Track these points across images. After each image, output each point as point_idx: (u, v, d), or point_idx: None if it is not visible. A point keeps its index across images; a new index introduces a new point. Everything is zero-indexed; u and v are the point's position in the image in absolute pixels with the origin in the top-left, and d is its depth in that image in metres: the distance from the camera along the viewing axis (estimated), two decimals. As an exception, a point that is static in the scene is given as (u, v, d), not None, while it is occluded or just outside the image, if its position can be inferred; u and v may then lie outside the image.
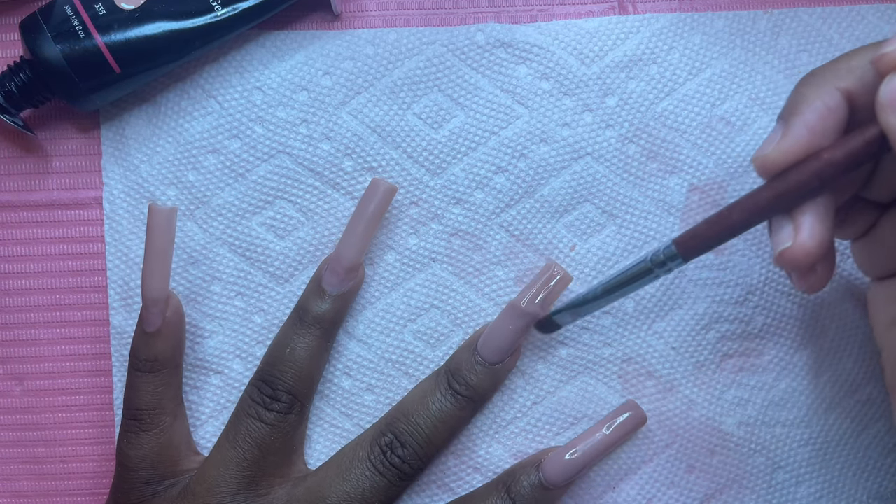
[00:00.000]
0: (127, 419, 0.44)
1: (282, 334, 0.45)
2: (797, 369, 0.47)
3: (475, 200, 0.46)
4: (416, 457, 0.44)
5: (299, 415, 0.44)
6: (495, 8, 0.47)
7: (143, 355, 0.43)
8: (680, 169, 0.46)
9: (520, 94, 0.46)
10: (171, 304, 0.44)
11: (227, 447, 0.44)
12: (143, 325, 0.43)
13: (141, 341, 0.43)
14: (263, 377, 0.44)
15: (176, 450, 0.44)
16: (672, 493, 0.46)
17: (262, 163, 0.46)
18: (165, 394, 0.44)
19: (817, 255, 0.35)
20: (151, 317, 0.43)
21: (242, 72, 0.46)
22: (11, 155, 0.47)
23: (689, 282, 0.46)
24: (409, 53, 0.46)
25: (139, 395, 0.43)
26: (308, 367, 0.44)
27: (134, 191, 0.46)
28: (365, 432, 0.45)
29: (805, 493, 0.47)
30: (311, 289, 0.45)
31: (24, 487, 0.47)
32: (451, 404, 0.44)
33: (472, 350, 0.44)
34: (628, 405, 0.45)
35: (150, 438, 0.43)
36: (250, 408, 0.44)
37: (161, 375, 0.44)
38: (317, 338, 0.44)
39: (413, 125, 0.46)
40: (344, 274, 0.44)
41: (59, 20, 0.42)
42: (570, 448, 0.44)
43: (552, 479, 0.43)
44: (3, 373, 0.47)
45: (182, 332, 0.45)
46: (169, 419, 0.44)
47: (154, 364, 0.43)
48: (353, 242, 0.44)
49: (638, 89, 0.46)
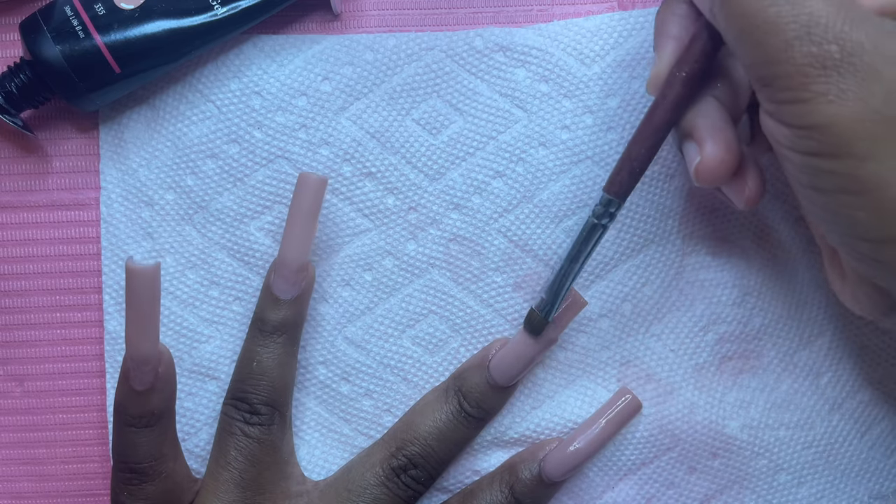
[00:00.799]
0: (123, 472, 0.41)
1: (245, 349, 0.44)
2: (798, 370, 0.47)
3: (473, 206, 0.46)
4: (428, 476, 0.44)
5: (281, 423, 0.44)
6: (495, 8, 0.47)
7: (135, 412, 0.40)
8: (680, 172, 0.46)
9: (518, 97, 0.46)
10: (164, 359, 0.40)
11: (220, 471, 0.43)
12: (131, 383, 0.40)
13: (131, 399, 0.40)
14: (237, 395, 0.44)
15: (179, 488, 0.43)
16: (672, 493, 0.47)
17: (260, 168, 0.46)
18: (164, 442, 0.41)
19: (728, 162, 0.38)
20: (143, 375, 0.39)
21: (241, 76, 0.46)
22: (11, 155, 0.47)
23: (686, 283, 0.46)
24: (408, 59, 0.46)
25: (136, 451, 0.41)
26: (279, 375, 0.44)
27: (132, 195, 0.46)
28: (372, 451, 0.45)
29: (806, 493, 0.47)
30: (263, 298, 0.44)
31: (24, 489, 0.47)
32: (463, 425, 0.44)
33: (483, 371, 0.44)
34: (621, 392, 0.46)
35: (154, 488, 0.42)
36: (232, 426, 0.43)
37: (158, 427, 0.41)
38: (281, 345, 0.44)
39: (412, 131, 0.46)
40: (293, 277, 0.43)
41: (58, 21, 0.42)
42: (570, 442, 0.44)
43: (552, 474, 0.44)
44: (4, 374, 0.47)
45: (175, 381, 0.41)
46: (171, 464, 0.42)
47: (150, 419, 0.40)
48: (295, 243, 0.43)
49: (641, 90, 0.46)
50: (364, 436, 0.46)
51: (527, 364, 0.44)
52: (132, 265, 0.37)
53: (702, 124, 0.38)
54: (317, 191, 0.42)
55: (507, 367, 0.44)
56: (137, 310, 0.38)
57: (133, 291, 0.38)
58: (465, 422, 0.44)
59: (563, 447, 0.44)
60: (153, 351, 0.39)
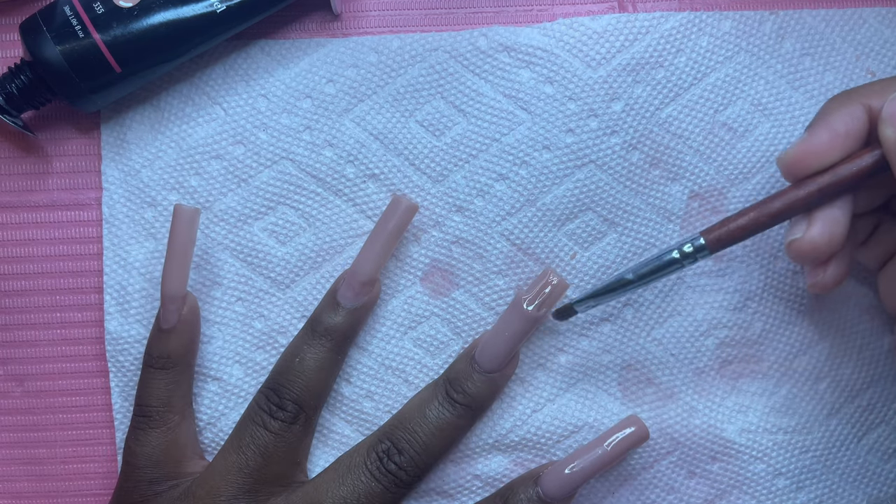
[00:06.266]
0: (136, 415, 0.44)
1: (293, 344, 0.45)
2: (797, 375, 0.47)
3: (476, 208, 0.46)
4: (412, 464, 0.44)
5: (304, 426, 0.44)
6: (495, 8, 0.47)
7: (156, 352, 0.44)
8: (681, 176, 0.46)
9: (522, 99, 0.46)
10: (188, 303, 0.44)
11: (231, 453, 0.44)
12: (159, 322, 0.44)
13: (155, 338, 0.44)
14: (271, 385, 0.44)
15: (181, 450, 0.44)
16: (672, 498, 0.47)
17: (265, 169, 0.46)
18: (175, 392, 0.44)
19: (824, 249, 0.38)
20: (168, 314, 0.44)
21: (248, 79, 0.46)
22: (12, 155, 0.47)
23: (687, 288, 0.46)
24: (411, 61, 0.46)
25: (149, 392, 0.44)
26: (316, 378, 0.44)
27: (134, 195, 0.46)
28: (363, 440, 0.45)
29: (805, 498, 0.47)
30: (325, 301, 0.45)
31: (24, 489, 0.47)
32: (449, 413, 0.44)
33: (469, 359, 0.44)
34: (630, 420, 0.45)
35: (157, 436, 0.44)
36: (256, 415, 0.44)
37: (172, 373, 0.44)
38: (327, 349, 0.44)
39: (415, 133, 0.46)
40: (359, 288, 0.44)
41: (58, 21, 0.42)
42: (569, 462, 0.44)
43: (550, 494, 0.43)
44: (4, 374, 0.47)
45: (197, 331, 0.45)
46: (177, 417, 0.44)
47: (167, 361, 0.44)
48: (371, 258, 0.44)
49: (644, 94, 0.46)
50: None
51: (510, 346, 0.44)
52: (180, 206, 0.43)
53: (823, 209, 0.39)
54: (405, 214, 0.44)
55: (490, 350, 0.44)
56: (177, 249, 0.43)
57: (176, 231, 0.43)
58: (451, 409, 0.44)
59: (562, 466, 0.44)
60: (181, 290, 0.44)
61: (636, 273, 0.41)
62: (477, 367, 0.44)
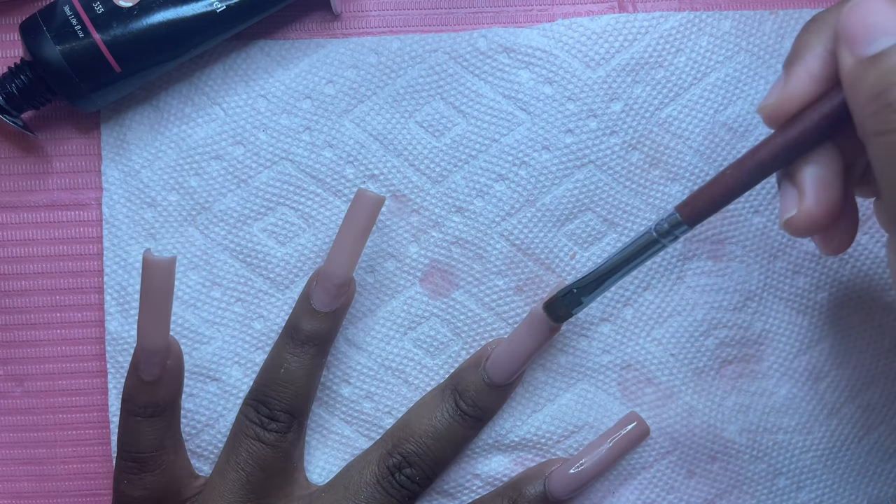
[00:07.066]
0: (125, 461, 0.42)
1: (275, 353, 0.44)
2: (797, 375, 0.47)
3: (476, 209, 0.46)
4: (423, 476, 0.44)
5: (297, 431, 0.44)
6: (495, 8, 0.47)
7: (142, 402, 0.41)
8: (681, 176, 0.46)
9: (522, 99, 0.46)
10: (173, 352, 0.41)
11: (228, 470, 0.43)
12: (139, 374, 0.41)
13: (137, 388, 0.41)
14: (259, 397, 0.43)
15: (178, 481, 0.44)
16: (672, 497, 0.47)
17: (264, 169, 0.46)
18: (167, 434, 0.42)
19: (824, 221, 0.34)
20: (151, 367, 0.41)
21: (248, 80, 0.46)
22: (12, 155, 0.47)
23: (686, 288, 0.46)
24: (411, 62, 0.46)
25: (139, 440, 0.42)
26: (305, 385, 0.43)
27: (134, 196, 0.46)
28: (370, 450, 0.45)
29: (805, 498, 0.47)
30: (300, 306, 0.44)
31: (24, 489, 0.47)
32: (459, 424, 0.44)
33: (479, 370, 0.44)
34: (630, 417, 0.45)
35: (153, 479, 0.42)
36: (248, 428, 0.43)
37: (162, 418, 0.42)
38: (311, 356, 0.43)
39: (415, 133, 0.46)
40: (335, 291, 0.43)
41: (58, 21, 0.42)
42: (575, 461, 0.44)
43: (557, 493, 0.43)
44: (4, 374, 0.47)
45: (182, 374, 0.43)
46: (171, 456, 0.43)
47: (155, 410, 0.42)
48: (342, 259, 0.42)
49: (644, 94, 0.46)
50: (365, 437, 0.46)
51: (523, 362, 0.44)
52: (149, 257, 0.39)
53: (810, 174, 0.34)
54: (372, 208, 0.42)
55: (503, 365, 0.44)
56: (151, 301, 0.39)
57: (148, 283, 0.39)
58: (461, 421, 0.44)
59: (567, 466, 0.44)
60: (163, 343, 0.40)
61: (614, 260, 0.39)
62: (488, 380, 0.44)
